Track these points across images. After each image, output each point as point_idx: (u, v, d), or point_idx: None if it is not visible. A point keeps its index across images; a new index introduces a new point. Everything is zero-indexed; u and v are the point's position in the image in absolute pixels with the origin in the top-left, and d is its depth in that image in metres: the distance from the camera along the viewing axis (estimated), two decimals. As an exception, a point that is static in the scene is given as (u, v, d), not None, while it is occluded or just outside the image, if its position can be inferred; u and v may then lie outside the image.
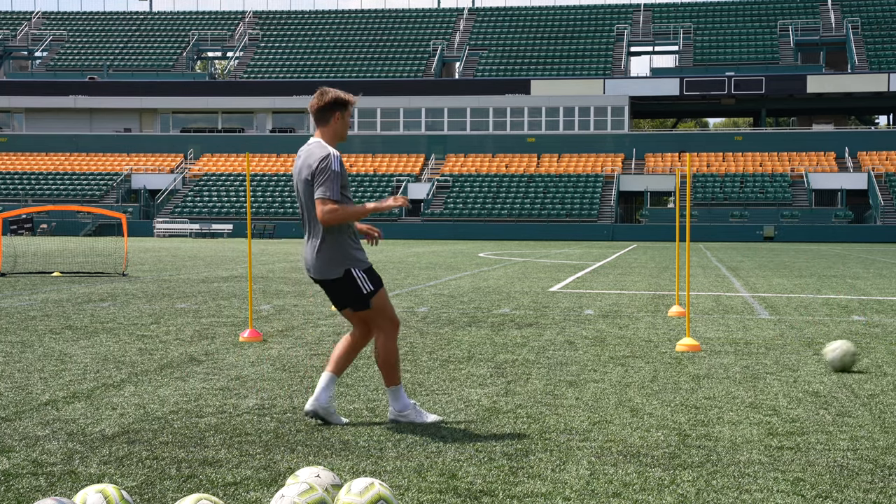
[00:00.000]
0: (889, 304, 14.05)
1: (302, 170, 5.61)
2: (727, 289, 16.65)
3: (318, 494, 3.73)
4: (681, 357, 8.46)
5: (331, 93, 5.65)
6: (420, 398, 6.47)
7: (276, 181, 63.96)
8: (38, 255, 25.93)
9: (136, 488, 4.37)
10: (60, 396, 6.41)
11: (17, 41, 78.26)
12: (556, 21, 75.65)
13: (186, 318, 11.12)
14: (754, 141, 65.13)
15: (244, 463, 4.81)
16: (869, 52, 67.57)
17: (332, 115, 5.67)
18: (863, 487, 4.48)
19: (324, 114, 5.67)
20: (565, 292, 15.61)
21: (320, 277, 5.67)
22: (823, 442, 5.34)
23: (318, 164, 5.51)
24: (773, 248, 42.80)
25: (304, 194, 5.62)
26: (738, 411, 6.14)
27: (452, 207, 59.94)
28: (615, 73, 68.98)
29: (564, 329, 10.44)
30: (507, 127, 67.12)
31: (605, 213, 59.30)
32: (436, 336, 9.76)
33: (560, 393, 6.71)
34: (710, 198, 59.05)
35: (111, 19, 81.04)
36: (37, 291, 14.73)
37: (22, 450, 5.01)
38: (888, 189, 58.48)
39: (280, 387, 6.86)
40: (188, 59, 75.88)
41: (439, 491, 4.36)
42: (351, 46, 74.75)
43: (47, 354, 8.25)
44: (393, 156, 66.77)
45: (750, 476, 4.65)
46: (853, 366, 7.77)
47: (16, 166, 67.23)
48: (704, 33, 72.40)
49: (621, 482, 4.52)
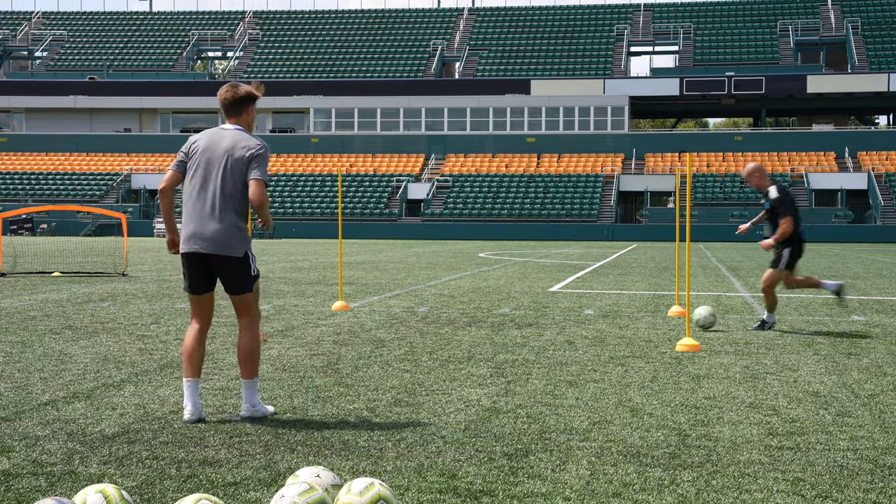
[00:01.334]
0: (889, 304, 14.05)
1: (235, 150, 5.79)
2: (727, 289, 16.65)
3: (318, 494, 3.73)
4: (681, 357, 8.46)
5: (243, 87, 5.95)
6: (420, 398, 6.47)
7: (277, 181, 63.93)
8: (38, 255, 25.93)
9: (136, 488, 4.37)
10: (60, 396, 6.40)
11: (17, 41, 78.24)
12: (556, 21, 75.64)
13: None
14: (754, 141, 65.12)
15: (244, 463, 4.81)
16: (869, 52, 67.55)
17: (245, 108, 5.96)
18: (863, 487, 4.48)
19: (237, 107, 5.95)
20: (565, 292, 15.61)
21: (224, 254, 5.78)
22: (823, 442, 5.34)
23: (258, 149, 5.81)
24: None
25: (232, 171, 5.77)
26: (738, 411, 6.14)
27: (452, 207, 59.93)
28: (615, 73, 68.97)
29: (564, 329, 10.44)
30: (507, 127, 67.12)
31: (605, 213, 59.29)
32: (436, 336, 9.76)
33: (560, 393, 6.71)
34: (710, 198, 59.05)
35: (111, 19, 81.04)
36: (37, 291, 14.73)
37: (22, 450, 5.01)
38: (888, 189, 58.47)
39: (280, 387, 6.86)
40: (188, 59, 75.87)
41: (439, 491, 4.36)
42: (351, 46, 74.74)
43: (47, 354, 8.25)
44: (393, 156, 66.76)
45: (750, 476, 4.65)
46: (713, 326, 10.36)
47: (16, 166, 67.22)
48: (704, 33, 72.39)
49: (621, 482, 4.52)
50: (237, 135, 5.87)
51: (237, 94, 5.91)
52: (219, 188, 5.78)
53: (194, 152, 5.88)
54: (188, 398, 5.75)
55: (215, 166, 5.79)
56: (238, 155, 5.78)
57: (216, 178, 5.79)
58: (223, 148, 5.82)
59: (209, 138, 5.88)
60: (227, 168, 5.77)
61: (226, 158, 5.79)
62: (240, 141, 5.83)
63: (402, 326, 10.55)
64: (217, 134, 5.89)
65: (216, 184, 5.79)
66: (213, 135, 5.89)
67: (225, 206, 5.78)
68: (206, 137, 5.90)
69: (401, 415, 5.94)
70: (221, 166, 5.78)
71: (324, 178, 64.51)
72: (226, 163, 5.78)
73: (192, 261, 5.85)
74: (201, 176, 5.81)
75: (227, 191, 5.78)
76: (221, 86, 6.09)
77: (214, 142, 5.85)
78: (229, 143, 5.82)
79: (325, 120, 68.97)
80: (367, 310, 12.38)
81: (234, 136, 5.86)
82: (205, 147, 5.85)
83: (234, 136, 5.86)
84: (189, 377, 5.79)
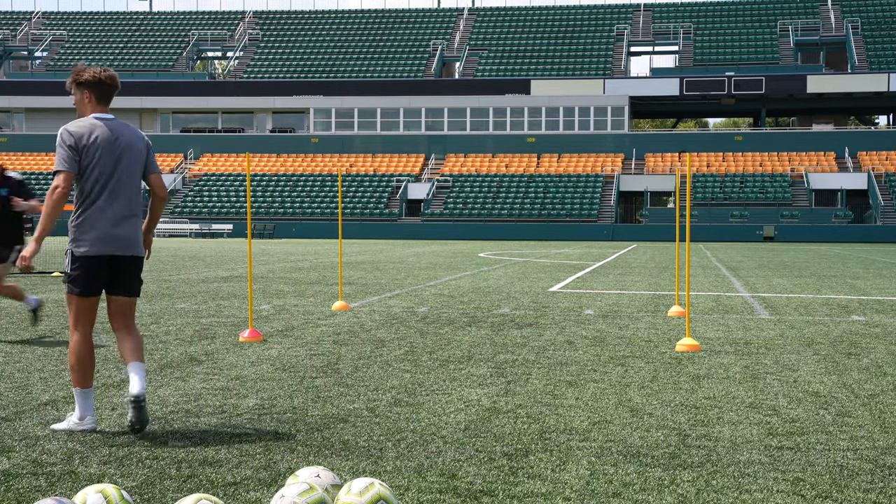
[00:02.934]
0: (889, 304, 14.05)
1: (134, 143, 5.57)
2: (727, 289, 16.65)
3: (318, 494, 3.73)
4: (681, 357, 8.45)
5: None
6: (420, 398, 6.47)
7: (276, 181, 63.94)
8: (39, 255, 25.90)
9: (136, 488, 4.37)
10: (60, 396, 6.40)
11: (17, 41, 78.27)
12: (556, 21, 75.64)
13: (186, 318, 11.12)
14: (754, 141, 65.13)
15: (244, 463, 4.81)
16: (869, 52, 67.56)
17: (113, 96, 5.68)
18: (863, 487, 4.48)
19: (112, 94, 5.63)
20: (565, 292, 15.61)
21: (136, 254, 5.59)
22: (823, 442, 5.34)
23: (148, 142, 5.67)
24: (773, 248, 42.80)
25: (135, 166, 5.56)
26: (738, 411, 6.14)
27: (452, 207, 59.93)
28: (615, 73, 68.97)
29: (564, 329, 10.44)
30: (507, 127, 67.13)
31: (605, 213, 59.30)
32: (436, 336, 9.76)
33: (560, 393, 6.70)
34: (710, 198, 59.06)
35: (111, 19, 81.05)
36: (37, 291, 14.72)
37: (22, 450, 5.01)
38: (888, 189, 58.48)
39: (280, 387, 6.86)
40: (188, 59, 75.88)
41: (439, 491, 4.36)
42: (351, 46, 74.73)
43: (47, 354, 8.25)
44: (393, 156, 66.76)
45: (750, 476, 4.65)
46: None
47: (16, 166, 67.19)
48: (704, 33, 72.39)
49: (621, 482, 4.52)
50: (128, 127, 5.67)
51: (116, 80, 5.66)
52: (128, 186, 5.62)
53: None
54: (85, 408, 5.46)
55: (120, 163, 5.58)
56: (139, 148, 5.64)
57: (122, 176, 5.59)
58: (121, 143, 5.56)
59: (111, 132, 5.56)
60: (134, 164, 5.62)
61: (134, 155, 5.62)
62: (135, 133, 5.69)
63: (402, 326, 10.55)
64: (112, 126, 5.58)
65: (122, 181, 5.60)
66: (111, 127, 5.57)
67: (133, 205, 5.63)
68: (108, 130, 5.56)
69: (401, 415, 5.94)
70: (127, 164, 5.58)
71: (324, 178, 64.50)
72: (135, 159, 5.61)
73: (113, 261, 5.64)
74: (115, 173, 5.57)
75: (137, 188, 5.65)
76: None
77: (120, 136, 5.57)
78: (130, 138, 5.61)
79: (325, 120, 68.97)
80: (367, 310, 12.38)
81: (129, 130, 5.66)
82: (108, 142, 5.54)
83: (128, 130, 5.66)
84: (86, 387, 5.52)
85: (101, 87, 5.56)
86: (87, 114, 5.58)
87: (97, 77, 5.54)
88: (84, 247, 5.48)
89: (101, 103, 5.60)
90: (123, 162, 5.52)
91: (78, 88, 5.60)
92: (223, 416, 5.89)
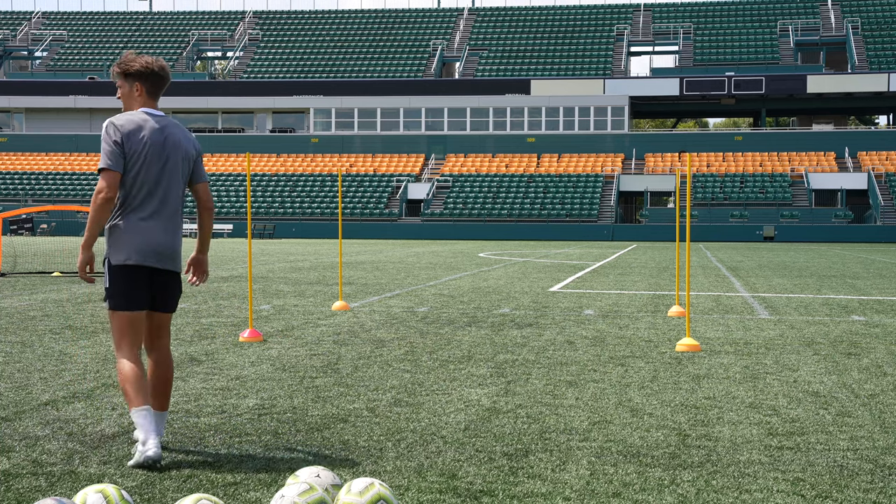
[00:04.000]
0: (889, 304, 14.05)
1: (184, 146, 5.02)
2: (727, 289, 16.65)
3: (318, 494, 3.73)
4: (681, 357, 8.45)
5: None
6: (420, 398, 6.47)
7: (276, 181, 63.95)
8: (38, 255, 25.93)
9: (136, 488, 4.37)
10: (60, 396, 6.40)
11: (17, 41, 78.26)
12: (556, 21, 75.65)
13: (186, 318, 11.12)
14: (754, 141, 65.12)
15: (244, 463, 4.81)
16: (869, 52, 67.56)
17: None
18: (863, 487, 4.48)
19: (164, 87, 5.06)
20: (565, 292, 15.60)
21: (177, 269, 5.05)
22: (823, 442, 5.33)
23: (199, 147, 5.14)
24: (773, 248, 42.79)
25: (183, 171, 5.02)
26: (738, 411, 6.14)
27: (452, 207, 59.93)
28: (615, 73, 68.97)
29: (564, 329, 10.44)
30: (507, 127, 67.12)
31: (605, 213, 59.29)
32: (436, 336, 9.76)
33: (560, 393, 6.70)
34: (710, 198, 59.05)
35: (111, 19, 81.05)
36: (37, 291, 14.72)
37: (22, 450, 5.01)
38: (888, 189, 58.47)
39: (280, 387, 6.85)
40: (188, 59, 75.87)
41: (439, 491, 4.36)
42: (351, 46, 74.74)
43: (47, 354, 8.25)
44: (393, 156, 66.77)
45: (750, 476, 4.65)
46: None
47: (16, 166, 67.24)
48: (704, 33, 72.39)
49: (621, 482, 4.52)
50: (181, 129, 5.13)
51: (168, 72, 5.10)
52: (173, 193, 5.07)
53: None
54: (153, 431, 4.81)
55: (169, 167, 5.03)
56: (192, 154, 5.14)
57: (168, 182, 5.03)
58: (174, 143, 5.04)
59: (165, 131, 5.02)
60: (181, 170, 5.08)
61: (182, 160, 5.09)
62: (186, 135, 5.16)
63: (402, 326, 10.55)
64: (164, 123, 5.03)
65: (168, 188, 5.04)
66: (164, 124, 5.02)
67: (175, 214, 5.08)
68: (164, 130, 5.02)
69: (401, 415, 5.94)
70: (175, 170, 5.06)
71: (324, 178, 64.51)
72: (182, 166, 5.09)
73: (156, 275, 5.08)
74: (161, 178, 5.01)
75: (181, 195, 5.12)
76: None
77: (172, 136, 5.04)
78: (181, 138, 5.09)
79: (325, 120, 68.97)
80: (367, 310, 12.37)
81: (182, 132, 5.12)
82: (164, 142, 5.01)
83: (181, 132, 5.12)
84: (154, 408, 5.00)
85: (153, 78, 4.96)
86: (134, 108, 4.98)
87: (149, 67, 4.94)
88: (123, 255, 4.86)
89: (151, 97, 4.99)
90: (170, 165, 4.93)
91: (126, 80, 4.98)
92: (223, 416, 5.89)
